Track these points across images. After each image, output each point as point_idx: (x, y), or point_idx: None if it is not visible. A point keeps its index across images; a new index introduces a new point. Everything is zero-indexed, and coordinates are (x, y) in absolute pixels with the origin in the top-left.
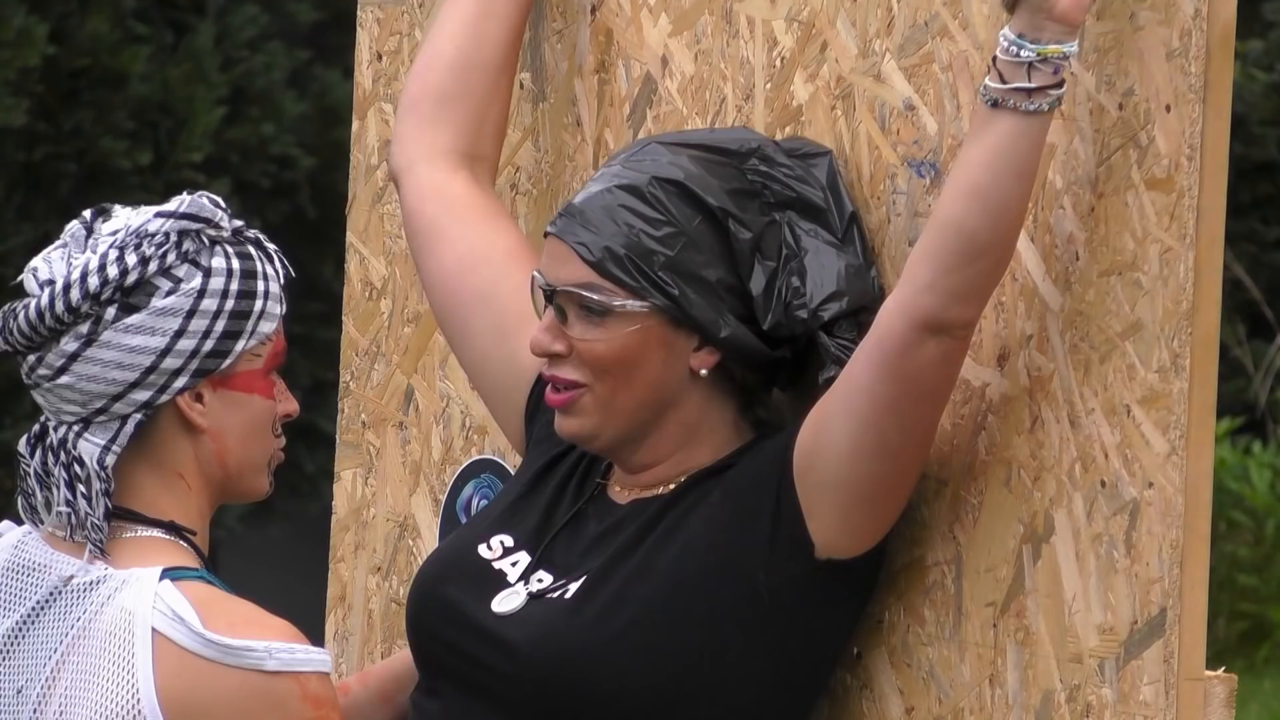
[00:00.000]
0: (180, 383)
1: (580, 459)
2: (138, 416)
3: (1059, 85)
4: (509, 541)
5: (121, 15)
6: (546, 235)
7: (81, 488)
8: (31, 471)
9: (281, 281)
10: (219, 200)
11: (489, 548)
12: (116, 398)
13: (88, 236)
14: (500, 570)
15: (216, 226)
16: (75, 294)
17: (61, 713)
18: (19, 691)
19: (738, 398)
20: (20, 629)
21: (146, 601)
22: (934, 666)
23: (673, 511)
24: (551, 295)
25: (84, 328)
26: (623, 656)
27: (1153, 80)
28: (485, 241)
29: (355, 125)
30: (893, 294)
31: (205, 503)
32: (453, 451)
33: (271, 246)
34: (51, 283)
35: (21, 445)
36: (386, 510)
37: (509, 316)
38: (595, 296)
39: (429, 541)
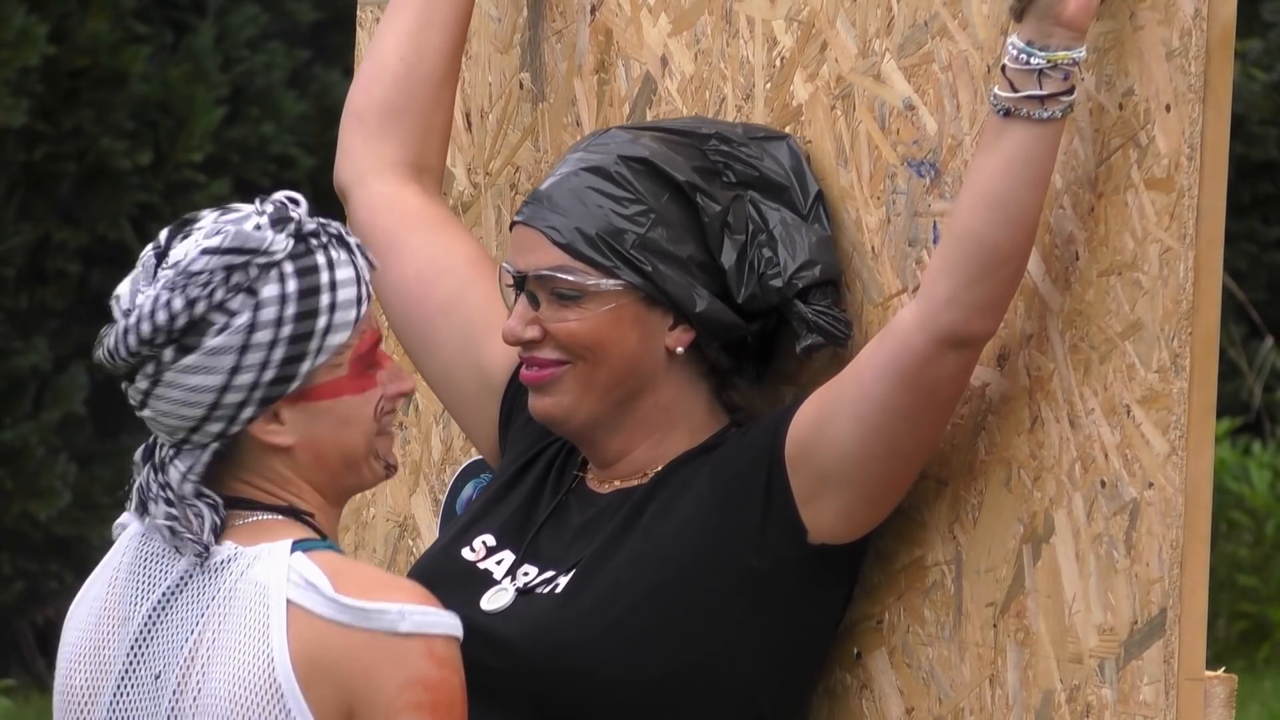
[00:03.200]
0: (248, 413)
1: (556, 455)
2: (215, 446)
3: (1069, 91)
4: (491, 541)
5: (121, 15)
6: (514, 225)
7: (177, 509)
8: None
9: (364, 276)
10: (297, 197)
11: (471, 549)
12: (193, 430)
13: (157, 266)
14: (485, 570)
15: (266, 253)
16: (133, 340)
17: (200, 690)
18: (156, 678)
19: (712, 379)
20: (154, 617)
21: (280, 574)
22: (934, 666)
23: (658, 498)
24: (522, 282)
25: (149, 368)
26: (619, 647)
27: (1152, 80)
28: (445, 252)
29: None
30: (909, 308)
31: (319, 499)
32: (452, 451)
33: (353, 240)
34: (128, 313)
35: (138, 456)
36: (386, 510)
37: (474, 325)
38: (569, 278)
39: (429, 541)
